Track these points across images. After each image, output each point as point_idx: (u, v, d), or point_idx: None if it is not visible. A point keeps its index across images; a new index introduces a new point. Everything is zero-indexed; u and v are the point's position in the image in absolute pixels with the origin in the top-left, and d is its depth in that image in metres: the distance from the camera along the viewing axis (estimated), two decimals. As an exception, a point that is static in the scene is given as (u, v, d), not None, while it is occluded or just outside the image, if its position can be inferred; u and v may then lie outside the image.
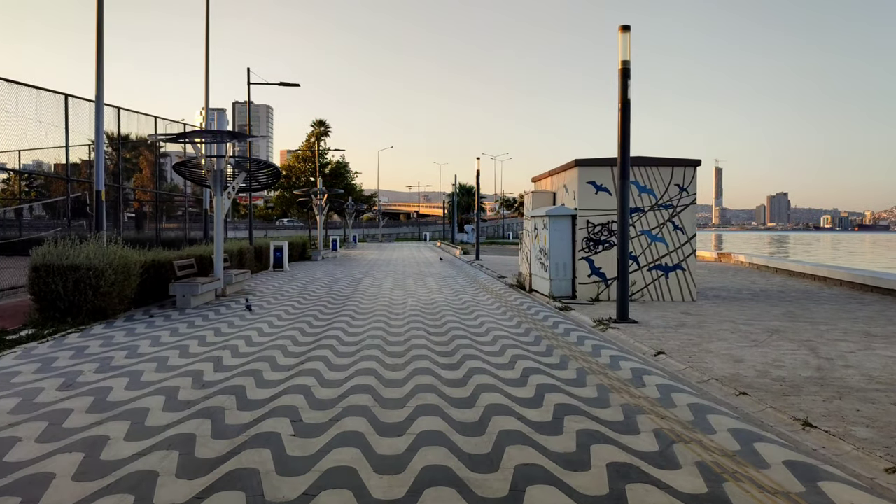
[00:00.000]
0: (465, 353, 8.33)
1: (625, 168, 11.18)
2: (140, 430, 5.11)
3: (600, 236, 14.62)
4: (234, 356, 8.05)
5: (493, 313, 12.23)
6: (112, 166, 23.89)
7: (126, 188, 22.96)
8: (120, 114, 19.25)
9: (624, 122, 11.13)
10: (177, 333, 9.66)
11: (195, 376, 6.95)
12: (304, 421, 5.38)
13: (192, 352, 8.30)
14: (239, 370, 7.26)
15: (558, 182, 16.31)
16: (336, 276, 20.97)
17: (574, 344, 9.11)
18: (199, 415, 5.54)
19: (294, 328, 10.25)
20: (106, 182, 22.71)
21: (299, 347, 8.62)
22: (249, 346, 8.75)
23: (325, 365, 7.51)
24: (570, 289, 14.89)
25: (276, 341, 9.09)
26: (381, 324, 10.74)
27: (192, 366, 7.47)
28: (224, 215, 14.50)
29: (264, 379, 6.85)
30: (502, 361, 7.81)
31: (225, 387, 6.51)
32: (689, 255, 14.70)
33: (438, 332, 9.90)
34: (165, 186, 27.42)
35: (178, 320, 11.00)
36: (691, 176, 14.78)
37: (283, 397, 6.11)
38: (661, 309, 13.10)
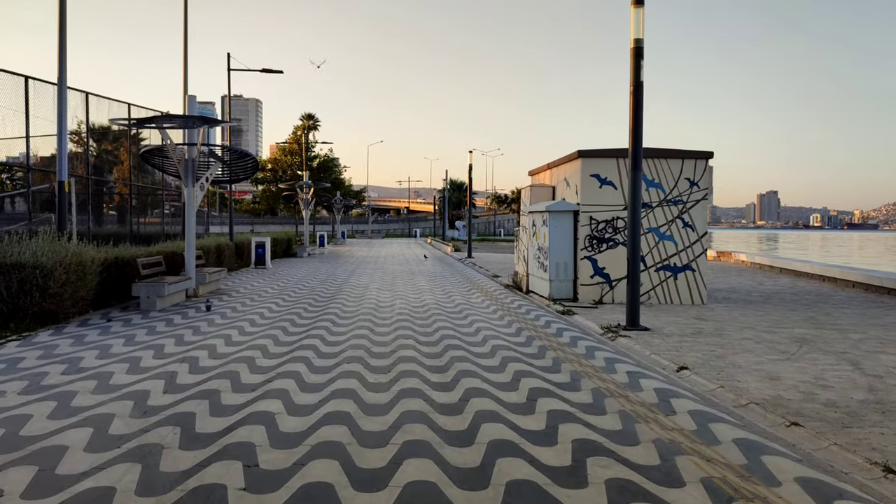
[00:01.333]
0: (460, 367, 7.23)
1: (637, 157, 10.11)
2: (47, 482, 3.97)
3: (604, 234, 13.56)
4: (193, 371, 6.90)
5: (490, 318, 11.14)
6: (93, 158, 22.56)
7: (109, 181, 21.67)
8: (88, 99, 17.92)
9: (636, 107, 10.06)
10: (132, 342, 8.48)
11: (139, 399, 5.80)
12: (260, 466, 4.26)
13: (145, 365, 7.14)
14: (193, 391, 6.11)
15: (558, 175, 15.24)
16: (320, 275, 19.80)
17: (584, 357, 8.03)
18: (130, 457, 4.40)
19: (267, 335, 9.10)
20: (85, 174, 21.51)
21: (269, 360, 7.47)
22: (213, 357, 7.60)
23: (296, 384, 6.38)
24: (572, 291, 13.83)
25: (244, 352, 7.94)
26: (366, 331, 9.61)
27: (139, 384, 6.32)
28: (196, 208, 13.30)
29: (221, 403, 5.71)
30: (503, 380, 6.71)
31: (171, 414, 5.37)
32: (699, 255, 13.67)
33: (429, 343, 8.79)
34: (149, 180, 26.04)
35: (137, 325, 9.81)
36: (703, 169, 13.74)
37: (240, 430, 4.98)
38: (671, 313, 12.07)
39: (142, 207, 24.74)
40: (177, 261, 14.11)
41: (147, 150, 13.86)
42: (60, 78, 13.97)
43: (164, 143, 12.70)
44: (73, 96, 17.56)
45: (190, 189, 13.19)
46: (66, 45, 14.07)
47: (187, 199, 13.23)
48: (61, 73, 13.95)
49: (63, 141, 13.75)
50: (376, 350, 8.16)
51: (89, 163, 18.30)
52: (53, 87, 16.48)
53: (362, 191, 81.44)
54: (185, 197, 13.25)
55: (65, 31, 13.93)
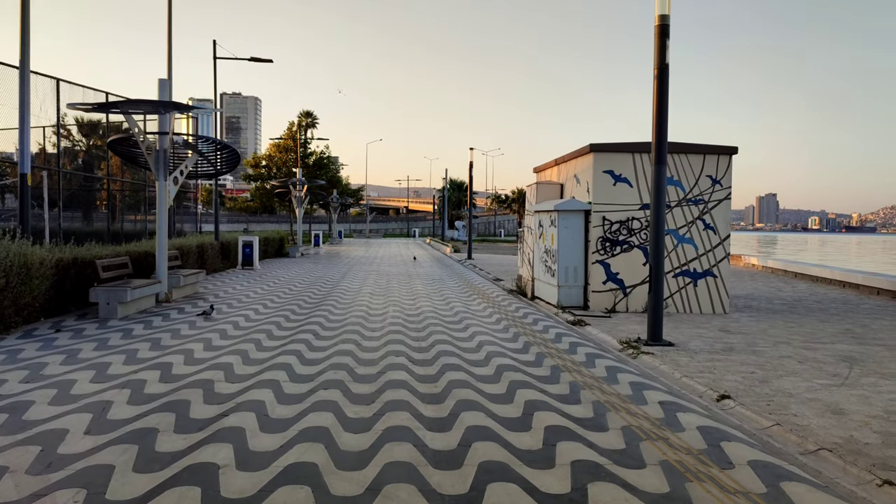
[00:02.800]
0: (460, 396, 6.01)
1: (661, 150, 8.90)
2: None
3: (618, 236, 12.35)
4: (133, 401, 5.68)
5: (493, 330, 9.92)
6: (82, 154, 21.31)
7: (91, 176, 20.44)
8: (59, 87, 16.65)
9: (661, 93, 8.85)
10: (74, 359, 7.25)
11: (54, 440, 4.58)
12: (178, 560, 3.04)
13: (77, 392, 5.91)
14: (125, 430, 4.89)
15: (567, 171, 14.03)
16: (311, 277, 18.57)
17: (605, 380, 6.82)
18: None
19: (236, 351, 7.88)
20: (74, 170, 20.29)
21: (231, 386, 6.25)
22: (165, 381, 6.37)
23: (256, 423, 5.16)
24: (582, 298, 12.61)
25: (203, 373, 6.71)
26: (351, 345, 8.39)
27: (61, 419, 5.09)
28: (168, 204, 12.07)
29: (155, 451, 4.48)
30: (513, 414, 5.49)
31: (85, 468, 4.15)
32: (721, 260, 12.47)
33: (424, 361, 7.56)
34: (140, 175, 24.70)
35: (87, 338, 8.58)
36: (726, 166, 12.53)
37: (170, 492, 3.77)
38: (692, 324, 10.87)
39: (134, 204, 23.52)
40: (150, 262, 12.89)
41: (114, 138, 12.62)
42: (23, 61, 12.80)
43: (133, 131, 11.47)
44: (43, 83, 16.34)
45: (161, 182, 11.96)
46: (30, 24, 12.87)
47: (158, 193, 12.00)
48: (24, 55, 12.77)
49: (25, 130, 12.56)
50: (361, 371, 6.93)
51: (60, 154, 17.02)
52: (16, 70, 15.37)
53: (360, 189, 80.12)
54: (157, 191, 12.02)
55: (27, 10, 12.74)
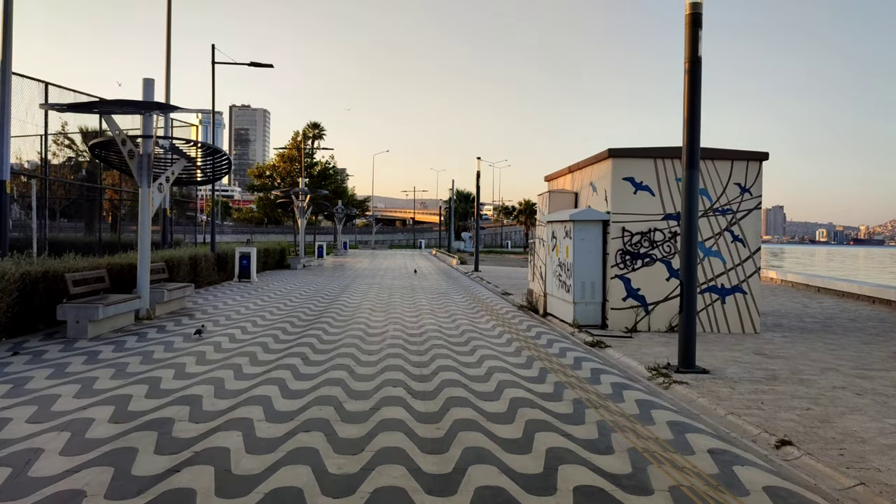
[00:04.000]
0: (468, 441, 5.00)
1: (693, 152, 7.91)
2: None
3: (639, 248, 11.33)
4: (69, 450, 4.70)
5: (503, 353, 8.90)
6: (86, 164, 20.54)
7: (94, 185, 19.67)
8: (48, 90, 15.86)
9: (692, 88, 7.87)
10: (19, 391, 6.26)
11: (-49, 509, 3.61)
12: None
13: (6, 437, 4.94)
14: (51, 490, 3.90)
15: (583, 179, 13.04)
16: (310, 290, 17.61)
17: (638, 419, 5.78)
18: None
19: (210, 380, 6.90)
20: (62, 178, 19.52)
21: (193, 427, 5.26)
22: (116, 420, 5.39)
23: (212, 482, 4.16)
24: (600, 315, 11.58)
25: (164, 409, 5.73)
26: (343, 373, 7.39)
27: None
28: (152, 212, 11.16)
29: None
30: (532, 468, 4.47)
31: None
32: (751, 275, 11.43)
33: (425, 393, 6.55)
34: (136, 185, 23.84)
35: (46, 362, 7.62)
36: (756, 173, 11.53)
37: None
38: (723, 345, 9.82)
39: (135, 215, 22.69)
40: (134, 275, 11.96)
41: (96, 142, 11.74)
42: (4, 61, 12.03)
43: (114, 134, 10.59)
44: (29, 87, 15.55)
45: (144, 189, 11.06)
46: (12, 22, 12.10)
47: (141, 201, 11.09)
48: (5, 55, 12.00)
49: (4, 134, 11.76)
50: (351, 407, 5.93)
51: (47, 162, 16.19)
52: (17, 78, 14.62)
53: (366, 200, 79.44)
54: (140, 198, 11.11)
55: (10, 8, 11.98)
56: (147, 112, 10.54)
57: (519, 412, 5.87)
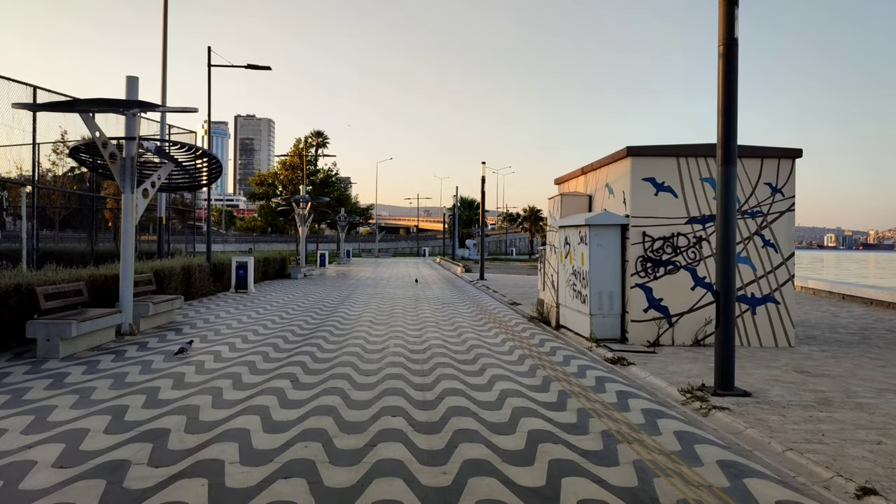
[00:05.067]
0: (481, 490, 4.12)
1: (730, 145, 7.05)
2: None
3: (661, 255, 10.45)
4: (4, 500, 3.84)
5: (516, 373, 8.02)
6: (88, 174, 19.80)
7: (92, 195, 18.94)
8: (36, 94, 15.12)
9: (728, 74, 7.02)
10: (-38, 424, 5.42)
11: None
12: None
13: (-72, 485, 4.08)
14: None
15: (598, 181, 12.18)
16: (308, 301, 16.76)
17: (682, 457, 4.89)
18: None
19: (184, 408, 6.04)
20: (80, 190, 18.80)
21: (153, 473, 4.40)
22: (63, 464, 4.54)
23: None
24: (619, 328, 10.68)
25: (124, 448, 4.87)
26: (336, 398, 6.52)
27: None
28: (136, 219, 10.35)
29: None
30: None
31: None
32: (784, 283, 10.52)
33: (429, 425, 5.68)
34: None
35: (5, 387, 6.76)
36: (788, 172, 10.64)
37: None
38: (757, 361, 8.91)
39: (142, 224, 21.92)
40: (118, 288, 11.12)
41: (76, 146, 10.95)
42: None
43: (93, 136, 9.80)
44: (16, 90, 14.81)
45: (128, 195, 10.25)
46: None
47: (124, 207, 10.28)
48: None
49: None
50: (342, 444, 5.06)
51: (37, 170, 15.43)
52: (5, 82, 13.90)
53: (369, 208, 78.69)
54: (122, 204, 10.30)
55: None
56: (126, 111, 9.74)
57: (540, 450, 4.98)
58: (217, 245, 70.91)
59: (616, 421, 5.87)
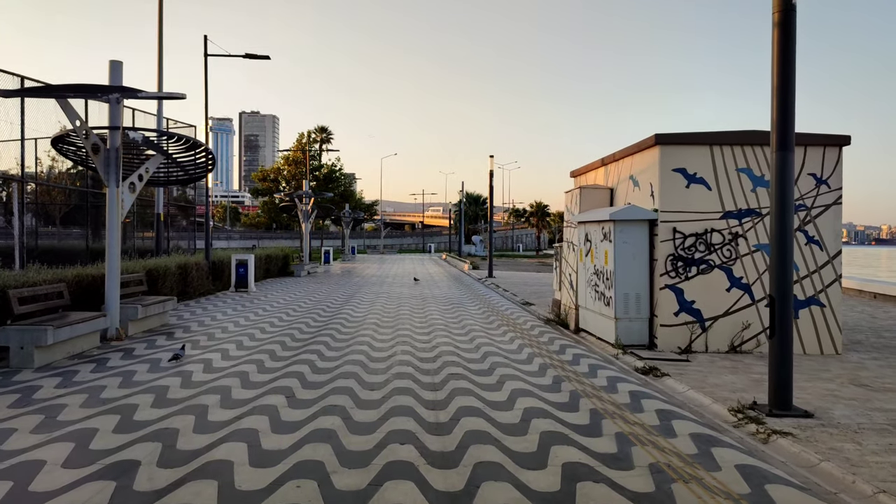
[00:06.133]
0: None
1: (787, 128, 6.19)
2: None
3: (694, 253, 9.57)
4: None
5: (539, 385, 7.17)
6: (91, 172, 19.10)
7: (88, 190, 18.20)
8: (24, 85, 14.31)
9: (785, 45, 6.14)
10: None
11: None
12: None
13: None
14: None
15: (620, 172, 11.29)
16: (310, 301, 15.96)
17: (750, 501, 4.03)
18: None
19: (161, 432, 5.22)
20: (78, 185, 18.06)
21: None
22: None
23: None
24: (647, 333, 9.81)
25: (85, 486, 4.06)
26: (336, 419, 5.69)
27: None
28: (122, 214, 9.55)
29: None
30: None
31: None
32: (830, 284, 9.62)
33: (444, 455, 4.84)
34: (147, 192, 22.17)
35: (-37, 405, 5.98)
36: (834, 161, 9.73)
37: None
38: (805, 371, 8.03)
39: (145, 221, 21.19)
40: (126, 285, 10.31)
41: (58, 136, 10.15)
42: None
43: (73, 124, 8.99)
44: (3, 80, 14.03)
45: (112, 189, 9.45)
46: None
47: (109, 202, 9.48)
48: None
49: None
50: (341, 483, 4.23)
51: (24, 163, 14.65)
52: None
53: (374, 204, 77.87)
54: (107, 199, 9.50)
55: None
56: (106, 96, 8.93)
57: (579, 491, 4.13)
58: (221, 242, 70.20)
59: (663, 450, 5.02)
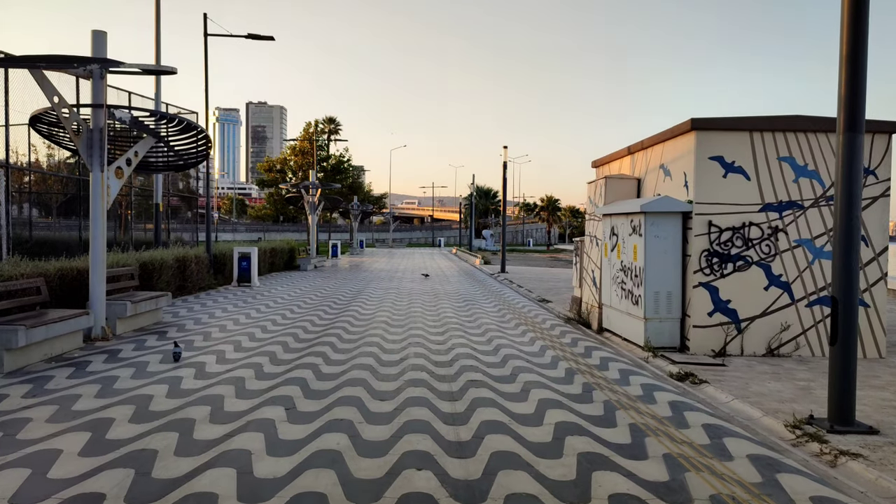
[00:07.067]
0: None
1: (856, 106, 5.40)
2: None
3: (730, 248, 8.79)
4: None
5: (568, 394, 6.43)
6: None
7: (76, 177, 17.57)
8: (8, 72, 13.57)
9: (856, 9, 5.34)
10: None
11: None
12: None
13: None
14: None
15: (649, 161, 10.51)
16: (316, 298, 15.27)
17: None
18: None
19: (135, 455, 4.54)
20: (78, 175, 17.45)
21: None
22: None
23: None
24: (678, 334, 9.05)
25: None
26: (343, 438, 4.98)
27: None
28: (108, 202, 8.86)
29: None
30: None
31: None
32: (875, 282, 8.83)
33: (467, 484, 4.12)
34: (148, 182, 21.56)
35: (-81, 417, 5.32)
36: (883, 150, 8.92)
37: None
38: (860, 381, 7.24)
39: (146, 211, 20.60)
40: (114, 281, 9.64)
41: (36, 114, 9.44)
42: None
43: (51, 101, 8.30)
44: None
45: (97, 174, 8.76)
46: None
47: (93, 188, 8.78)
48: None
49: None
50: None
51: (9, 147, 13.94)
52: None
53: (383, 196, 77.13)
54: (91, 185, 8.80)
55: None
56: (84, 67, 8.21)
57: (634, 537, 3.40)
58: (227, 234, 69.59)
59: (722, 478, 4.28)
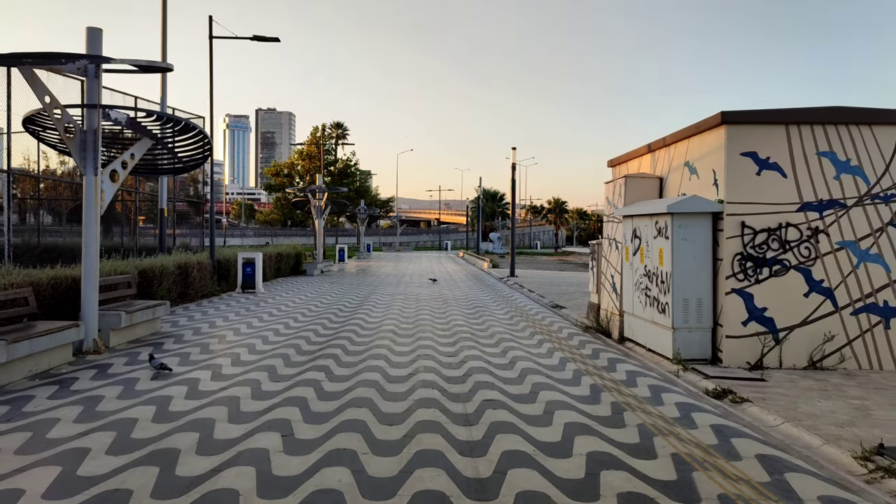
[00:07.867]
0: None
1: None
2: None
3: (766, 251, 8.12)
4: None
5: (595, 415, 5.78)
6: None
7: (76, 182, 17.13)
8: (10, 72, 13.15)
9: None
10: None
11: None
12: None
13: None
14: None
15: (672, 159, 9.85)
16: (322, 304, 14.69)
17: None
18: None
19: (111, 493, 3.94)
20: (66, 179, 17.03)
21: None
22: None
23: None
24: (709, 345, 8.38)
25: None
26: (345, 471, 4.37)
27: None
28: (101, 206, 8.32)
29: None
30: None
31: None
32: (928, 288, 8.13)
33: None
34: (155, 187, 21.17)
35: None
36: (934, 143, 8.22)
37: None
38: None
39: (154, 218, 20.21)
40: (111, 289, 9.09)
41: (29, 115, 8.93)
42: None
43: (42, 102, 7.77)
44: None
45: (90, 177, 8.21)
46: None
47: (86, 192, 8.24)
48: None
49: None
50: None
51: (10, 152, 13.51)
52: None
53: (390, 200, 76.63)
54: (84, 189, 8.26)
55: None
56: (74, 64, 7.68)
57: None
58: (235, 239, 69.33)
59: (793, 526, 3.63)
